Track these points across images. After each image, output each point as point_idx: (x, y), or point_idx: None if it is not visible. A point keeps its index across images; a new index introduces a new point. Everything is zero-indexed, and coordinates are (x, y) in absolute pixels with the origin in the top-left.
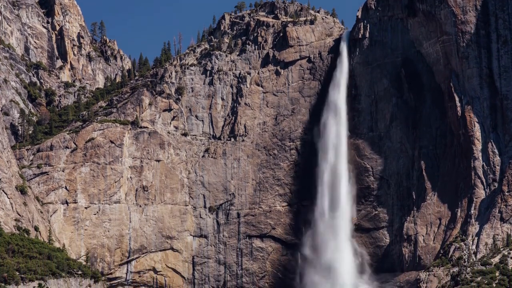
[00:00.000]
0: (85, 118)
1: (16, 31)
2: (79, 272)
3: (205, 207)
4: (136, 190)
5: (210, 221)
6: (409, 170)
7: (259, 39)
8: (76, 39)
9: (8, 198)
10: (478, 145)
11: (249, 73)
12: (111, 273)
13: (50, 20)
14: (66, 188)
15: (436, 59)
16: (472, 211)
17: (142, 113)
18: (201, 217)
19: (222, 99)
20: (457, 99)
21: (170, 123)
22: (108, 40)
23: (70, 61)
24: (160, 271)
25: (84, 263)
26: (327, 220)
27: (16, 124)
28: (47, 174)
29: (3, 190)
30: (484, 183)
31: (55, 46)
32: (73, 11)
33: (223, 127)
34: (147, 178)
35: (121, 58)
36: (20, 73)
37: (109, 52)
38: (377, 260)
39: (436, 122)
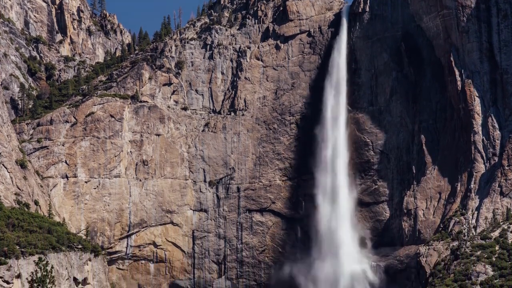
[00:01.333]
0: (85, 92)
1: (16, 5)
2: (79, 246)
3: (205, 181)
4: (136, 164)
5: (210, 195)
6: (409, 144)
7: (259, 13)
8: (76, 13)
9: (8, 172)
10: (478, 119)
11: (249, 47)
12: (111, 247)
13: None
14: (66, 162)
15: (436, 33)
16: (472, 185)
17: (142, 87)
18: (201, 191)
19: (222, 73)
20: (457, 73)
21: (170, 97)
22: (108, 14)
23: (70, 35)
24: (160, 245)
25: (84, 237)
26: (327, 194)
27: (16, 98)
28: (47, 148)
29: (3, 164)
30: (484, 157)
31: (55, 20)
32: None
33: (223, 101)
34: (147, 152)
35: (121, 32)
36: (20, 47)
37: (109, 26)
38: (377, 234)
39: (436, 96)
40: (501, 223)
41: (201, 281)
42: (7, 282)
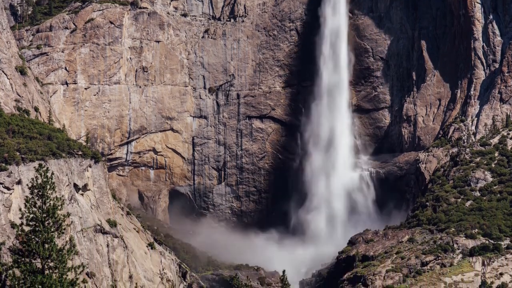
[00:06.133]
0: None
1: None
2: (80, 153)
3: (204, 88)
4: (136, 71)
5: (210, 102)
6: (409, 50)
7: None
8: None
9: (7, 78)
10: (478, 26)
11: None
12: (111, 154)
13: None
14: (65, 69)
15: None
16: (472, 92)
17: None
18: (200, 98)
19: None
20: None
21: (170, 3)
22: None
23: None
24: (160, 152)
25: (84, 143)
26: (327, 100)
27: (15, 4)
28: (47, 55)
29: (2, 71)
30: (484, 64)
31: None
32: None
33: (222, 7)
34: (147, 59)
35: None
36: None
37: None
38: (377, 141)
39: (436, 3)
40: (501, 130)
41: (201, 187)
42: (8, 188)
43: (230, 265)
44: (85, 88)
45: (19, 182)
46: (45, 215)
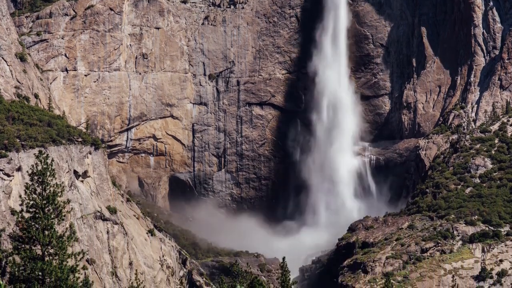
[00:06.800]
0: None
1: None
2: (79, 139)
3: (204, 74)
4: (136, 58)
5: (210, 88)
6: (409, 37)
7: None
8: None
9: (7, 65)
10: (478, 12)
11: None
12: (111, 141)
13: None
14: (65, 55)
15: None
16: (472, 79)
17: None
18: (200, 85)
19: None
20: None
21: None
22: None
23: None
24: (160, 139)
25: (84, 130)
26: (327, 87)
27: None
28: (47, 42)
29: (2, 58)
30: (484, 51)
31: None
32: None
33: None
34: (147, 45)
35: None
36: None
37: None
38: (377, 128)
39: None
40: (501, 116)
41: (201, 174)
42: (8, 175)
43: (230, 251)
44: (85, 75)
45: (19, 169)
46: (45, 201)
